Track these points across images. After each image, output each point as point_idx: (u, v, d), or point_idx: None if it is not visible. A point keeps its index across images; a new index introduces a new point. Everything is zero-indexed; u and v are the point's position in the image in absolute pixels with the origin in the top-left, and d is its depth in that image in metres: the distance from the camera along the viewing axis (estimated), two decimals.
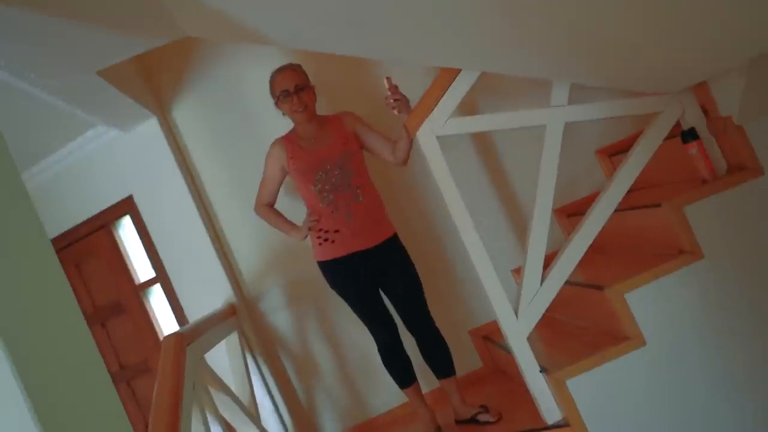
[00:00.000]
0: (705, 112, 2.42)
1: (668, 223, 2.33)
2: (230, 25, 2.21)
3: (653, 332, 2.27)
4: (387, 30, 2.13)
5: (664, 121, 2.45)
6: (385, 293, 2.77)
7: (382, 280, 2.73)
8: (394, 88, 2.50)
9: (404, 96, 2.50)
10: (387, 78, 2.50)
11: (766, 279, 2.30)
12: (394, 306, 2.78)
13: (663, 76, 2.33)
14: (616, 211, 2.41)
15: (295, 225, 2.82)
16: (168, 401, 1.87)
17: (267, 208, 2.89)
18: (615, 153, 3.32)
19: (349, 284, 2.73)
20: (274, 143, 2.81)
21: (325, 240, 2.69)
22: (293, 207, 3.09)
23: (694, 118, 2.43)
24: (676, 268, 2.29)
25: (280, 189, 2.91)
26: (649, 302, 2.28)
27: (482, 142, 3.48)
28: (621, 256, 2.69)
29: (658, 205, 2.35)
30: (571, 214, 3.32)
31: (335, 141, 2.71)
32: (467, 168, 3.42)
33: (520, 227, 3.44)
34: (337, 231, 2.66)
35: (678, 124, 2.48)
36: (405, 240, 2.81)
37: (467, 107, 3.24)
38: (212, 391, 2.51)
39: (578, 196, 3.38)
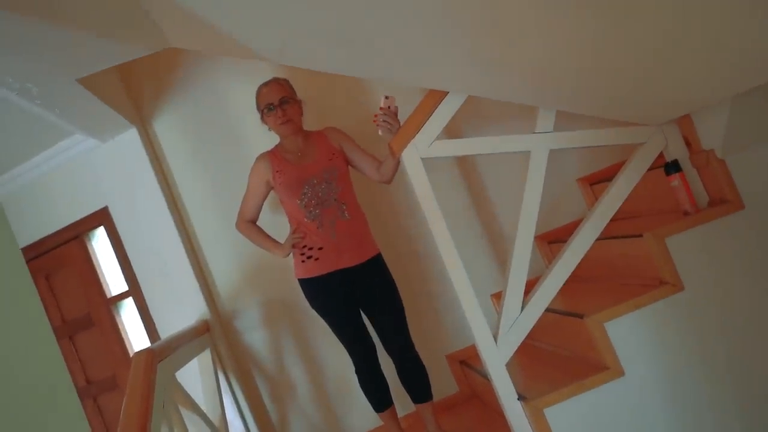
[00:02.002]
0: (688, 144, 2.44)
1: (649, 253, 2.33)
2: (217, 37, 2.18)
3: (632, 363, 2.25)
4: (375, 50, 2.12)
5: (648, 152, 2.46)
6: (365, 314, 2.74)
7: (363, 301, 2.70)
8: (387, 110, 2.47)
9: (398, 121, 2.48)
10: (387, 97, 2.48)
11: (745, 312, 2.30)
12: (375, 327, 2.74)
13: (648, 108, 2.35)
14: (597, 239, 2.40)
15: (277, 242, 2.78)
16: (136, 420, 1.81)
17: (249, 224, 2.85)
18: (596, 182, 3.34)
19: (329, 303, 2.69)
20: (259, 158, 2.78)
21: (308, 257, 2.65)
22: (276, 223, 3.05)
23: (677, 151, 2.45)
24: (657, 298, 2.28)
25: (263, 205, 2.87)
26: (628, 332, 2.27)
27: (463, 166, 3.48)
28: (601, 285, 2.68)
29: (640, 236, 2.35)
30: (551, 241, 3.32)
31: (321, 155, 2.69)
32: (447, 191, 3.41)
33: (499, 252, 3.43)
34: (321, 248, 2.63)
35: (661, 156, 2.49)
36: (386, 260, 2.78)
37: (450, 129, 3.24)
38: (182, 410, 2.43)
39: (559, 224, 3.38)
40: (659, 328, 2.29)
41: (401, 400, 3.00)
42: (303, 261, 2.68)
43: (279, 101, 2.66)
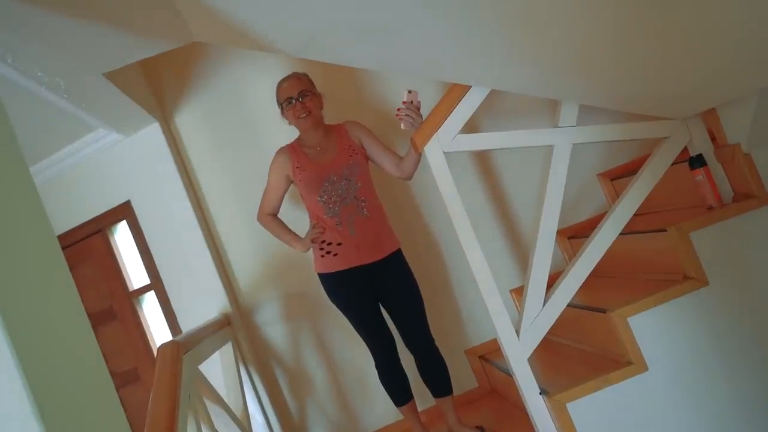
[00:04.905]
0: (713, 138, 2.43)
1: (673, 248, 2.32)
2: (241, 31, 2.20)
3: (656, 358, 2.25)
4: (399, 44, 2.12)
5: (672, 146, 2.45)
6: (385, 309, 2.74)
7: (383, 296, 2.70)
8: (410, 104, 2.47)
9: (420, 116, 2.48)
10: (410, 91, 2.48)
11: None
12: (394, 322, 2.74)
13: (672, 102, 2.33)
14: (620, 234, 2.40)
15: (298, 236, 2.79)
16: (164, 411, 1.82)
17: (270, 217, 2.86)
18: (617, 177, 3.32)
19: (349, 298, 2.69)
20: (279, 151, 2.79)
21: (328, 252, 2.66)
22: (296, 217, 3.07)
23: (701, 145, 2.43)
24: (681, 293, 2.27)
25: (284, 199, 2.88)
26: (652, 327, 2.26)
27: (480, 162, 3.47)
28: (624, 280, 2.67)
29: (664, 230, 2.34)
30: (571, 236, 3.32)
31: (341, 151, 2.69)
32: (465, 187, 3.40)
33: (516, 248, 3.43)
34: (340, 244, 2.63)
35: (685, 150, 2.48)
36: (405, 255, 2.78)
37: (467, 126, 3.25)
38: (207, 402, 2.46)
39: (578, 219, 3.38)
40: (683, 323, 2.28)
41: (421, 395, 3.00)
42: (323, 256, 2.68)
43: (298, 95, 2.67)
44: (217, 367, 3.09)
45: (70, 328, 1.13)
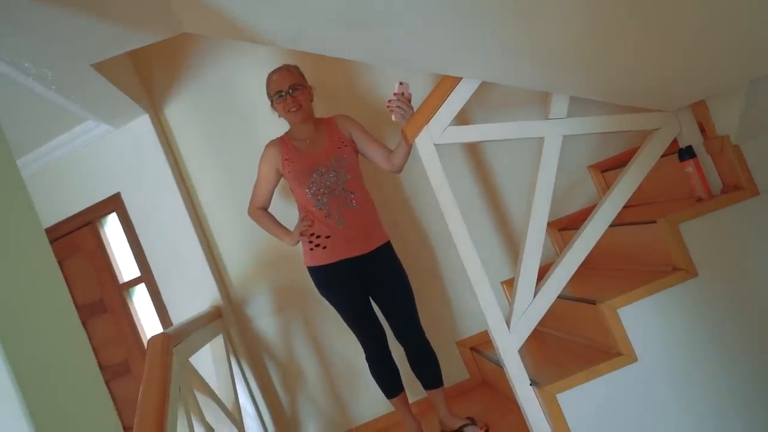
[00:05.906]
0: (702, 130, 2.44)
1: (663, 239, 2.33)
2: (232, 22, 2.18)
3: (645, 348, 2.26)
4: (390, 36, 2.12)
5: (662, 138, 2.45)
6: (375, 301, 2.74)
7: (373, 289, 2.70)
8: (401, 96, 2.46)
9: (411, 108, 2.47)
10: (402, 83, 2.47)
11: (759, 298, 2.30)
12: (385, 315, 2.74)
13: (662, 94, 2.34)
14: (610, 226, 2.40)
15: (287, 230, 2.78)
16: (154, 404, 1.82)
17: (260, 211, 2.85)
18: (608, 169, 3.33)
19: (339, 291, 2.69)
20: (268, 145, 2.78)
21: (317, 246, 2.65)
22: (287, 211, 3.06)
23: (691, 137, 2.44)
24: (670, 284, 2.28)
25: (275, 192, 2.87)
26: (641, 318, 2.27)
27: (472, 153, 3.48)
28: (614, 272, 2.68)
29: (654, 222, 2.35)
30: (562, 228, 3.33)
31: (330, 144, 2.69)
32: (456, 179, 3.40)
33: (508, 239, 3.43)
34: (329, 237, 2.63)
35: (675, 142, 2.49)
36: (395, 248, 2.78)
37: (458, 118, 3.25)
38: (197, 394, 2.45)
39: (569, 211, 3.39)
40: (673, 314, 2.29)
41: (412, 387, 3.01)
42: (312, 249, 2.68)
43: (289, 88, 2.66)
44: (208, 360, 3.09)
45: (58, 322, 1.13)
